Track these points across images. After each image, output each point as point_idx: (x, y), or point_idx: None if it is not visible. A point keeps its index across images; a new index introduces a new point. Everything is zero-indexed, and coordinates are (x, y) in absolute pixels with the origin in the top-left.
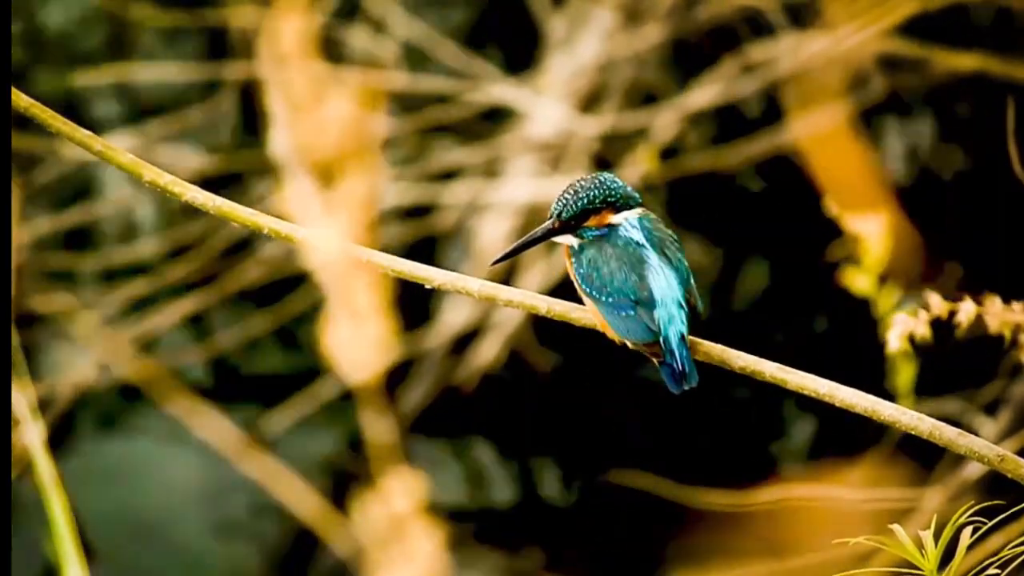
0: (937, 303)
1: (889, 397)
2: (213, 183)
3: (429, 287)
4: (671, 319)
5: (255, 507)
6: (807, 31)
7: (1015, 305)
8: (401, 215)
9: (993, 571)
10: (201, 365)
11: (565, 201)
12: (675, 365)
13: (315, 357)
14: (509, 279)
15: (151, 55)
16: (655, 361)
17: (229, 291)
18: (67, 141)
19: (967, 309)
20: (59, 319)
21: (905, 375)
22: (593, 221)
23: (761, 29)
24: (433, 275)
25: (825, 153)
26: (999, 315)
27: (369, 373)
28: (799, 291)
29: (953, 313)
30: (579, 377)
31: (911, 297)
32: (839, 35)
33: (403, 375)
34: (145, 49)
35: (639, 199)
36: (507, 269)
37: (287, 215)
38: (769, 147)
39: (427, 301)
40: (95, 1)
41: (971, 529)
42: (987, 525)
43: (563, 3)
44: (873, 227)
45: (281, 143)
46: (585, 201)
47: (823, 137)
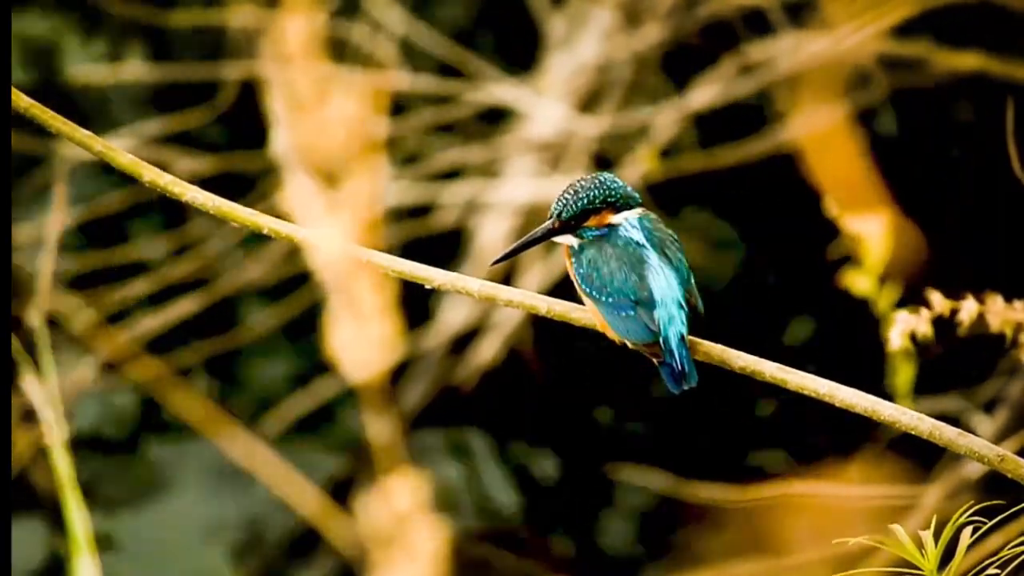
0: (939, 301)
1: (889, 397)
2: (213, 183)
3: (429, 287)
4: (671, 319)
5: (258, 506)
6: (807, 31)
7: (1016, 304)
8: (401, 215)
9: (993, 571)
10: (201, 365)
11: (565, 201)
12: (675, 365)
13: (318, 356)
14: (509, 279)
15: (151, 57)
16: (655, 361)
17: (229, 291)
18: (67, 141)
19: (969, 308)
20: (59, 319)
21: (904, 375)
22: (593, 221)
23: (761, 29)
24: (433, 275)
25: (825, 153)
26: (1001, 313)
27: (372, 372)
28: (799, 291)
29: (955, 311)
30: (578, 376)
31: (911, 297)
32: (839, 35)
33: (403, 374)
34: (144, 52)
35: (639, 199)
36: (507, 269)
37: (288, 215)
38: (769, 147)
39: (427, 301)
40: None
41: (971, 529)
42: (987, 525)
43: (563, 3)
44: (873, 227)
45: (283, 143)
46: (585, 201)
47: (823, 137)
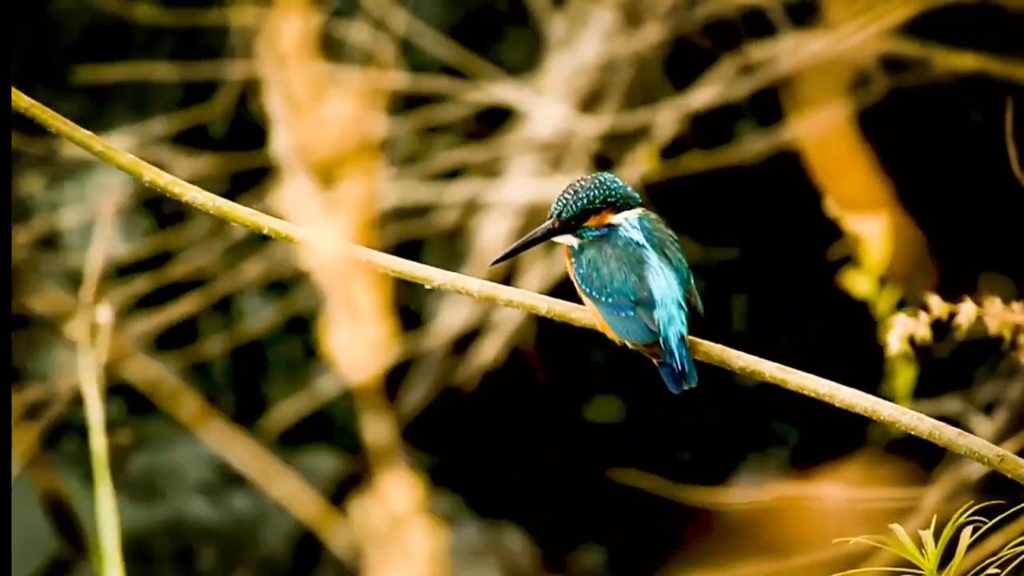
0: (937, 304)
1: (889, 400)
2: (212, 183)
3: (429, 287)
4: (671, 319)
5: (255, 507)
6: (808, 31)
7: (1015, 306)
8: (401, 215)
9: (993, 571)
10: (200, 365)
11: (565, 201)
12: (675, 365)
13: (315, 357)
14: (509, 279)
15: (151, 55)
16: (655, 361)
17: (229, 291)
18: (67, 141)
19: (967, 310)
20: (59, 319)
21: (904, 378)
22: (593, 221)
23: (761, 29)
24: (433, 275)
25: (825, 153)
26: (999, 316)
27: (368, 373)
28: (799, 291)
29: (953, 314)
30: (580, 376)
31: (911, 297)
32: (839, 35)
33: (404, 375)
34: (145, 49)
35: (639, 199)
36: (507, 269)
37: (286, 215)
38: (769, 147)
39: (427, 301)
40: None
41: (971, 529)
42: (987, 525)
43: (563, 3)
44: (873, 228)
45: (282, 143)
46: (585, 201)
47: (823, 137)
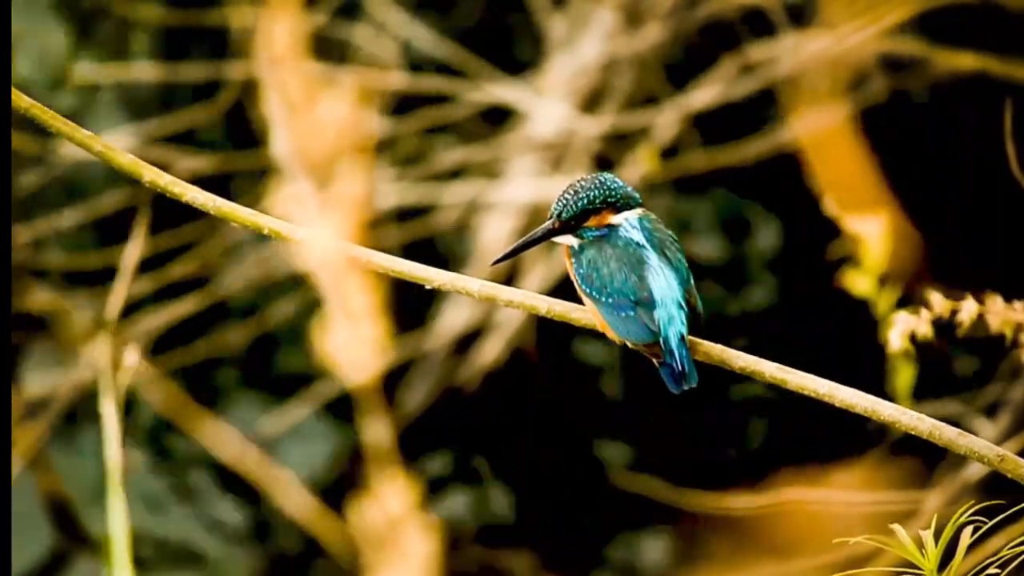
0: (938, 302)
1: (889, 400)
2: (213, 183)
3: (429, 287)
4: (671, 319)
5: (252, 509)
6: (807, 31)
7: (1016, 304)
8: (402, 215)
9: (993, 571)
10: (199, 366)
11: (565, 201)
12: (675, 365)
13: (313, 358)
14: (510, 279)
15: (151, 55)
16: (655, 361)
17: (228, 292)
18: (67, 141)
19: (968, 308)
20: (58, 319)
21: (905, 377)
22: (593, 221)
23: (761, 29)
24: (433, 275)
25: (825, 153)
26: (1000, 314)
27: (366, 375)
28: (799, 291)
29: (954, 312)
30: (580, 378)
31: (911, 297)
32: (839, 35)
33: (405, 375)
34: (145, 49)
35: (639, 199)
36: (508, 269)
37: (284, 215)
38: (769, 147)
39: (428, 302)
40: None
41: (971, 529)
42: (987, 525)
43: (564, 3)
44: (873, 227)
45: (280, 144)
46: (585, 201)
47: (823, 137)
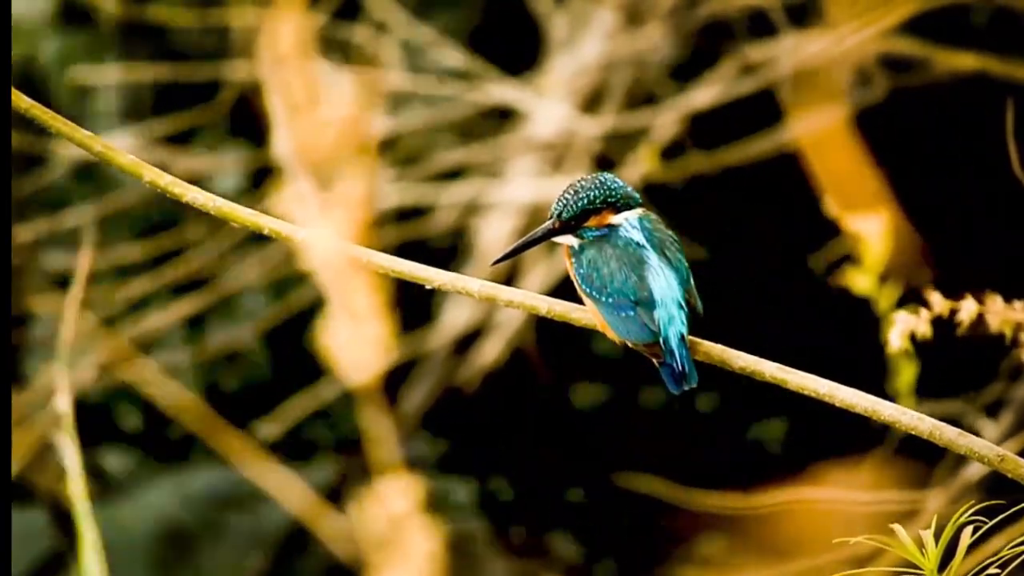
0: (938, 301)
1: (890, 400)
2: (212, 183)
3: (429, 287)
4: (671, 319)
5: (254, 508)
6: (808, 31)
7: (1016, 304)
8: (402, 215)
9: (993, 571)
10: (200, 365)
11: (565, 201)
12: (675, 365)
13: (315, 357)
14: (510, 279)
15: (151, 55)
16: (655, 361)
17: (229, 291)
18: (67, 141)
19: (968, 307)
20: (58, 319)
21: (906, 376)
22: (593, 221)
23: (761, 29)
24: (433, 275)
25: (825, 153)
26: (1000, 313)
27: (368, 374)
28: (799, 291)
29: (954, 311)
30: (580, 378)
31: (911, 296)
32: (840, 35)
33: (405, 376)
34: (146, 49)
35: (639, 199)
36: (508, 269)
37: (286, 215)
38: (769, 147)
39: (428, 302)
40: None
41: (971, 529)
42: (987, 525)
43: (564, 3)
44: (873, 227)
45: (282, 143)
46: (585, 201)
47: (823, 137)
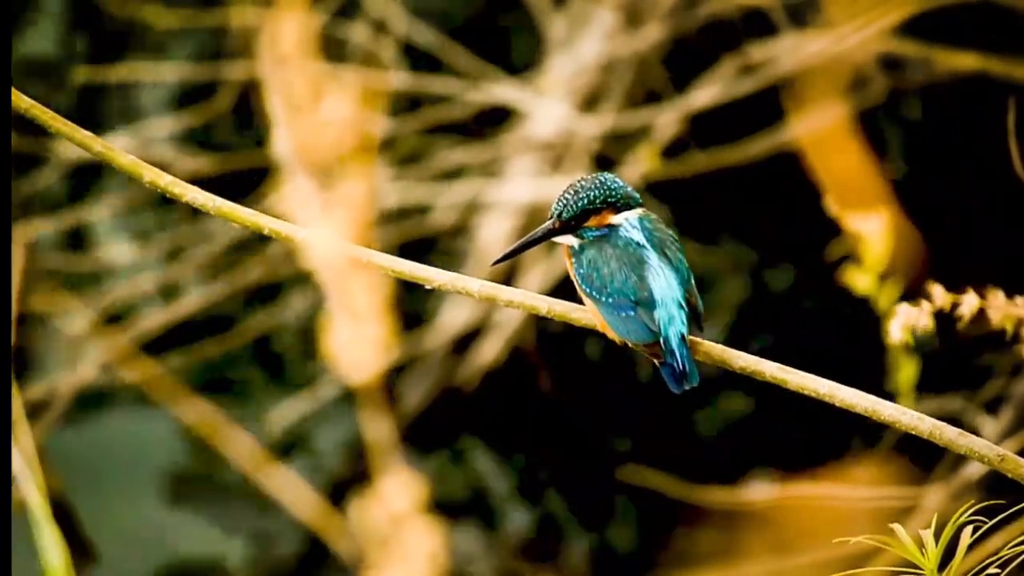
0: (940, 294)
1: (890, 397)
2: (212, 183)
3: (429, 287)
4: (671, 319)
5: (255, 508)
6: (807, 31)
7: (1018, 299)
8: (401, 215)
9: (993, 570)
10: (201, 364)
11: (565, 201)
12: (675, 365)
13: (316, 357)
14: (510, 279)
15: (151, 55)
16: (655, 361)
17: (229, 290)
18: (67, 141)
19: (970, 302)
20: (59, 319)
21: (906, 372)
22: (593, 221)
23: (761, 29)
24: (433, 275)
25: (825, 153)
26: (1002, 308)
27: (369, 373)
28: (799, 291)
29: (955, 305)
30: (580, 375)
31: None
32: (840, 35)
33: (405, 375)
34: (146, 49)
35: (639, 199)
36: (508, 269)
37: (286, 215)
38: (769, 147)
39: (428, 301)
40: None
41: (971, 528)
42: (987, 524)
43: (564, 3)
44: (873, 226)
45: (282, 143)
46: (585, 201)
47: (823, 137)
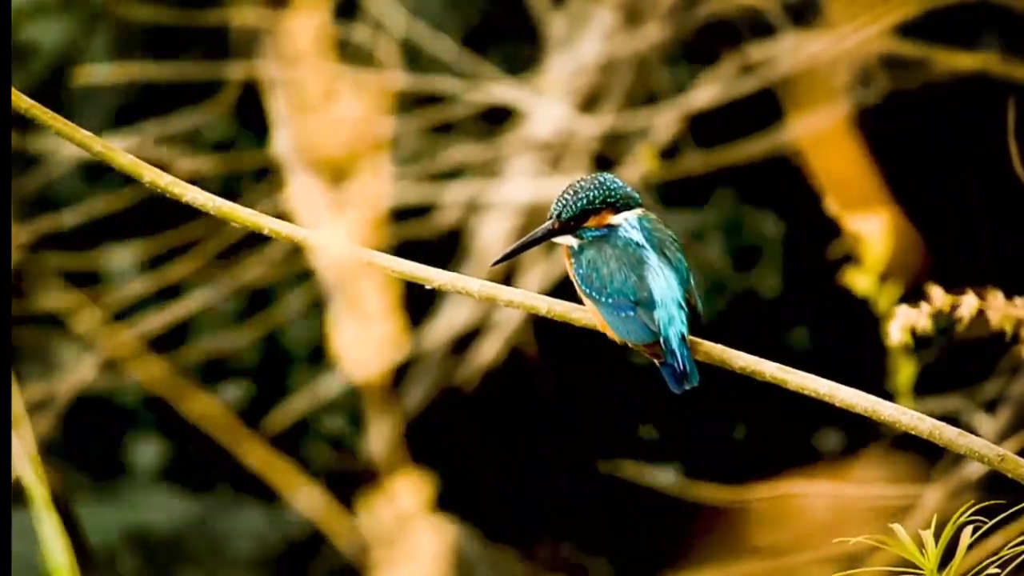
0: (939, 295)
1: (890, 397)
2: (212, 183)
3: (429, 287)
4: (671, 319)
5: (261, 507)
6: (807, 31)
7: (1017, 300)
8: (402, 215)
9: (993, 570)
10: (204, 362)
11: (565, 201)
12: (676, 365)
13: (323, 355)
14: (510, 279)
15: (151, 55)
16: (656, 361)
17: (230, 290)
18: (67, 141)
19: (969, 303)
20: (59, 319)
21: (906, 373)
22: (593, 222)
23: (761, 29)
24: (433, 275)
25: (825, 153)
26: (1001, 309)
27: (375, 372)
28: (799, 291)
29: (955, 306)
30: (580, 374)
31: (911, 296)
32: (840, 35)
33: (405, 375)
34: (145, 49)
35: (639, 199)
36: (508, 269)
37: (292, 215)
38: (769, 147)
39: (428, 301)
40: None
41: (971, 528)
42: (987, 524)
43: (564, 3)
44: (873, 226)
45: (286, 143)
46: (585, 202)
47: (823, 137)
